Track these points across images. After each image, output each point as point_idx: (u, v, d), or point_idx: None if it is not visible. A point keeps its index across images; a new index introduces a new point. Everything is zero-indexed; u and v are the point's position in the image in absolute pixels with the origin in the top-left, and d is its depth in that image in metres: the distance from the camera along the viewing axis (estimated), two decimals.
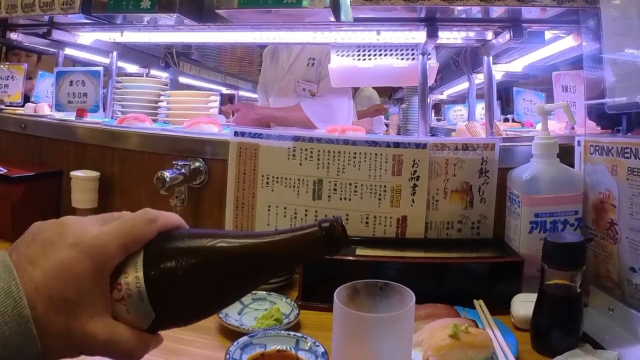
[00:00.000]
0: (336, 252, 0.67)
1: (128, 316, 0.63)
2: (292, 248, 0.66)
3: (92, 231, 0.63)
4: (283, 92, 3.04)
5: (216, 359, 1.02)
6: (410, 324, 0.78)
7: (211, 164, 1.64)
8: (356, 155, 1.50)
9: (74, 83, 2.23)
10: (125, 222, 0.64)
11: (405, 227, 1.50)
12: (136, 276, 0.63)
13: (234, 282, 0.66)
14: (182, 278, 0.63)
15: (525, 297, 1.21)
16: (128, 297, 0.62)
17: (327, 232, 0.66)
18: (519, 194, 1.35)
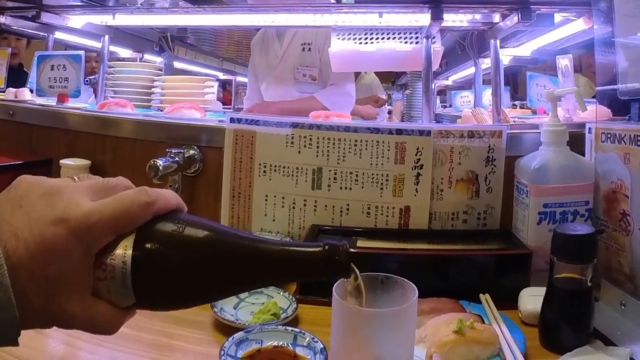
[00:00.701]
0: (335, 277, 0.68)
1: (108, 295, 0.62)
2: (290, 261, 0.66)
3: (83, 206, 0.61)
4: (279, 79, 3.05)
5: (210, 355, 1.01)
6: (412, 319, 0.77)
7: (206, 152, 1.64)
8: (357, 143, 1.50)
9: (55, 67, 2.22)
10: (120, 201, 0.62)
11: (408, 217, 1.49)
12: (123, 260, 0.62)
13: (223, 282, 0.66)
14: (171, 269, 0.63)
15: (534, 291, 1.20)
16: (112, 279, 0.62)
17: (329, 254, 0.66)
18: (527, 183, 1.34)
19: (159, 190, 0.65)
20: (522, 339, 1.05)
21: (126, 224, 0.62)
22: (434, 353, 0.97)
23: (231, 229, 0.68)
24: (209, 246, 0.64)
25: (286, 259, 0.66)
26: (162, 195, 0.65)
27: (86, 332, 0.61)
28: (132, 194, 0.63)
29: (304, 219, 1.53)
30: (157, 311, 0.68)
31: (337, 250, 0.67)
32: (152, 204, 0.64)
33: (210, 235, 0.65)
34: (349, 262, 0.67)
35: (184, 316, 1.15)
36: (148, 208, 0.63)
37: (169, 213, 0.66)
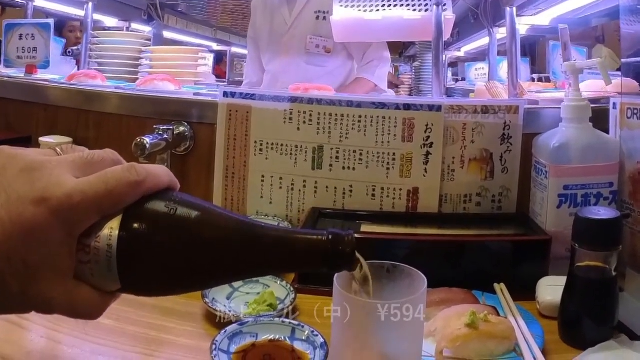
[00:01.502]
0: (338, 269, 0.68)
1: (91, 279, 0.62)
2: (291, 250, 0.66)
3: (66, 185, 0.60)
4: (287, 48, 3.03)
5: (201, 349, 1.00)
6: (421, 312, 0.76)
7: (197, 128, 1.63)
8: (361, 119, 1.49)
9: (23, 37, 2.22)
10: (105, 180, 0.61)
11: (416, 200, 1.49)
12: (109, 244, 0.61)
13: (215, 271, 0.66)
14: (160, 254, 0.62)
15: (553, 280, 1.19)
16: (95, 262, 0.62)
17: (333, 245, 0.65)
18: (546, 163, 1.33)
19: (149, 167, 0.64)
20: (540, 333, 1.04)
21: (112, 204, 0.61)
22: (445, 348, 0.96)
23: (226, 211, 0.67)
24: (202, 230, 0.63)
25: (286, 248, 0.66)
26: (152, 173, 0.64)
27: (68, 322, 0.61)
28: (119, 172, 0.62)
29: (303, 201, 1.53)
30: (143, 296, 0.69)
31: (341, 241, 0.66)
32: (141, 184, 0.63)
33: (204, 217, 0.64)
34: (354, 253, 0.67)
35: (173, 307, 1.15)
36: (136, 188, 0.62)
37: (160, 192, 0.65)
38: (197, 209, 0.64)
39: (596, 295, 1.06)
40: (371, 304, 0.74)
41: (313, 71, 2.98)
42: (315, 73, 2.97)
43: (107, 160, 0.65)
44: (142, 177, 0.63)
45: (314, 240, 0.66)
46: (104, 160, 0.65)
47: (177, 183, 0.68)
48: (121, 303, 1.13)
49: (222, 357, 0.94)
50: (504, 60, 3.16)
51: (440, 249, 1.30)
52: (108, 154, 0.66)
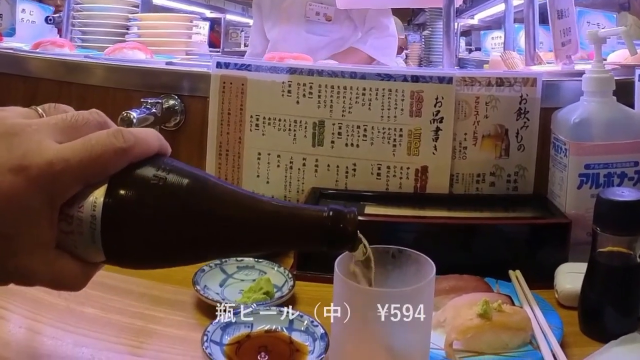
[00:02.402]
0: (338, 248, 0.68)
1: (74, 250, 0.63)
2: (288, 224, 0.66)
3: (47, 152, 0.60)
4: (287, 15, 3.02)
5: (192, 340, 1.00)
6: (429, 300, 0.76)
7: (189, 102, 1.62)
8: (365, 92, 1.48)
9: None
10: (89, 146, 0.61)
11: (425, 180, 1.48)
12: (92, 215, 0.61)
13: (207, 242, 0.66)
14: (148, 226, 0.63)
15: (573, 267, 1.19)
16: (78, 233, 0.62)
17: (333, 221, 0.66)
18: (565, 140, 1.33)
19: (138, 132, 0.64)
20: (558, 324, 1.04)
21: (96, 173, 0.61)
22: (455, 340, 0.96)
23: (220, 180, 0.68)
24: (193, 200, 0.63)
25: (283, 222, 0.66)
26: (140, 139, 0.64)
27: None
28: (104, 138, 0.62)
29: (302, 180, 1.52)
30: (127, 268, 0.69)
31: (343, 217, 0.66)
32: (128, 150, 0.62)
33: (196, 186, 0.64)
34: (356, 232, 0.67)
35: (162, 295, 1.15)
36: (123, 155, 0.62)
37: (150, 158, 0.65)
38: (189, 177, 0.64)
39: (619, 283, 1.05)
40: (375, 292, 0.74)
41: (314, 40, 2.97)
42: (317, 43, 2.96)
43: (92, 122, 0.65)
44: (129, 143, 0.62)
45: (314, 215, 0.66)
46: (88, 123, 0.65)
47: (167, 148, 0.68)
48: (106, 291, 1.14)
49: (214, 349, 0.94)
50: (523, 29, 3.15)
51: (450, 233, 1.30)
52: (93, 116, 0.66)
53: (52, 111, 0.68)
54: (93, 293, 1.11)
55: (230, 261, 1.24)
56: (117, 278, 1.17)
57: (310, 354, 0.96)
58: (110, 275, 1.17)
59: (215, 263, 1.22)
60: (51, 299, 1.08)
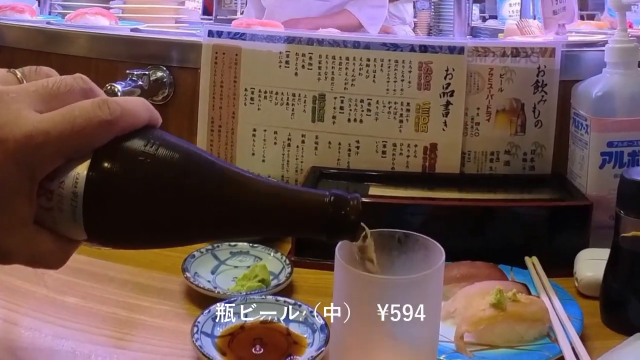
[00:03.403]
0: (337, 238, 0.68)
1: (53, 227, 0.63)
2: (284, 207, 0.66)
3: (26, 124, 0.59)
4: None
5: (181, 332, 1.00)
6: (438, 289, 0.76)
7: (178, 74, 1.62)
8: (370, 63, 1.47)
9: None
10: (72, 118, 0.60)
11: (434, 158, 1.48)
12: (74, 192, 0.61)
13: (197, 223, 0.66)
14: (134, 205, 0.63)
15: (594, 253, 1.19)
16: (59, 210, 0.62)
17: (334, 208, 0.65)
18: (587, 115, 1.32)
19: (125, 102, 0.64)
20: (578, 315, 1.04)
21: (79, 147, 0.61)
22: (466, 332, 0.96)
23: (213, 156, 0.67)
24: (184, 177, 0.63)
25: (280, 205, 0.66)
26: (127, 110, 0.63)
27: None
28: (88, 109, 0.61)
29: (301, 159, 1.52)
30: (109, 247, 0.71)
31: (345, 204, 0.65)
32: (114, 123, 0.62)
33: (187, 162, 0.64)
34: (359, 221, 0.66)
35: (148, 282, 1.15)
36: (108, 128, 0.62)
37: (137, 131, 0.64)
38: (181, 152, 0.64)
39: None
40: (379, 280, 0.74)
41: (314, 5, 2.96)
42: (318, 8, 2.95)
43: (76, 90, 0.64)
44: (115, 114, 0.62)
45: (314, 200, 0.66)
46: (72, 90, 0.64)
47: (158, 119, 0.68)
48: (87, 278, 1.14)
49: (204, 342, 0.94)
50: None
51: (461, 216, 1.31)
52: (78, 82, 0.65)
53: (32, 75, 0.67)
54: (74, 281, 1.12)
55: (223, 246, 1.24)
56: (100, 264, 1.17)
57: (309, 347, 0.96)
58: (92, 261, 1.17)
59: (206, 248, 1.22)
60: (29, 288, 1.08)
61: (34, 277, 1.10)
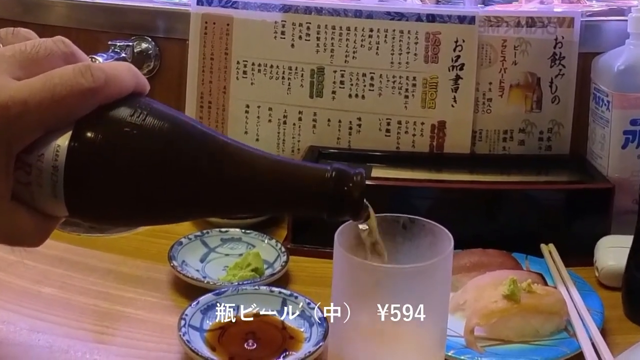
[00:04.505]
0: (339, 216, 0.67)
1: (32, 202, 0.63)
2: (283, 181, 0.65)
3: (1, 91, 0.58)
4: None
5: (167, 325, 1.00)
6: (446, 279, 0.76)
7: (165, 45, 1.61)
8: (373, 33, 1.47)
9: None
10: (52, 87, 0.59)
11: (443, 137, 1.48)
12: (54, 166, 0.60)
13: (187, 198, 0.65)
14: (119, 180, 0.62)
15: (616, 241, 1.19)
16: (37, 185, 0.61)
17: (336, 184, 0.64)
18: (608, 91, 1.32)
19: (109, 68, 0.62)
20: (599, 307, 1.04)
21: (60, 117, 0.60)
22: (476, 326, 0.96)
23: (206, 127, 0.66)
24: (174, 148, 0.63)
25: (278, 179, 0.65)
26: (112, 77, 0.62)
27: None
28: (69, 76, 0.60)
29: (298, 138, 1.52)
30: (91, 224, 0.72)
31: (348, 180, 0.65)
32: (98, 91, 0.60)
33: (178, 132, 0.63)
34: (363, 198, 0.66)
35: (132, 271, 1.15)
36: (91, 96, 0.60)
37: (124, 99, 0.63)
38: (171, 121, 0.63)
39: None
40: (382, 268, 0.73)
41: None
42: None
43: (56, 54, 0.63)
44: (99, 82, 0.60)
45: (314, 175, 0.65)
46: (52, 54, 0.63)
47: (145, 85, 0.66)
48: (66, 267, 1.14)
49: (193, 336, 0.94)
50: None
51: (472, 200, 1.31)
52: (58, 46, 0.64)
53: (9, 38, 0.66)
54: (51, 270, 1.11)
55: (213, 233, 1.24)
56: (80, 252, 1.17)
57: (306, 342, 0.96)
58: (71, 249, 1.17)
59: (195, 235, 1.22)
60: (3, 278, 1.08)
61: (8, 267, 1.09)
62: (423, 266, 0.73)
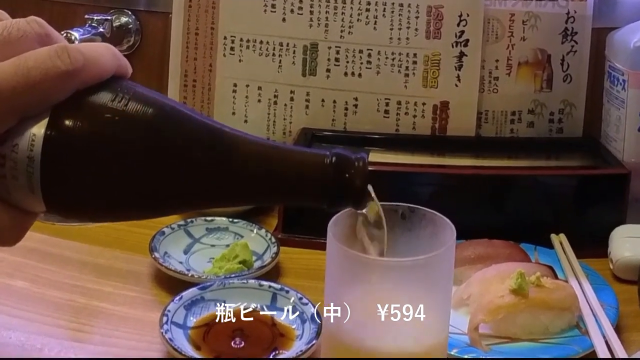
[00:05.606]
0: (340, 206, 0.67)
1: (7, 197, 0.62)
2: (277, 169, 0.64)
3: None
4: None
5: (148, 321, 1.01)
6: (448, 272, 0.75)
7: (146, 19, 1.60)
8: (370, 6, 1.46)
9: None
10: (26, 70, 0.58)
11: (446, 119, 1.48)
12: (29, 156, 0.59)
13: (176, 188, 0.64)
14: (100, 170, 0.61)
15: (632, 230, 1.19)
16: (12, 178, 0.60)
17: (336, 171, 0.63)
18: (624, 69, 1.32)
19: (88, 50, 0.61)
20: (613, 302, 1.04)
21: (35, 103, 0.59)
22: (482, 322, 0.96)
23: (194, 111, 0.66)
24: (160, 135, 0.62)
25: (273, 168, 0.64)
26: (91, 59, 0.61)
27: None
28: (44, 58, 0.59)
29: (290, 119, 1.52)
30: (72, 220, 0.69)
31: (349, 166, 0.64)
32: (75, 74, 0.59)
33: (165, 116, 0.62)
34: (366, 186, 0.65)
35: (110, 264, 1.15)
36: (68, 80, 0.59)
37: (104, 82, 0.62)
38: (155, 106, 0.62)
39: None
40: (379, 262, 0.72)
41: None
42: None
43: (30, 35, 0.62)
44: (77, 64, 0.59)
45: (312, 161, 0.64)
46: (25, 35, 0.61)
47: (127, 67, 0.65)
48: (39, 259, 1.14)
49: (176, 334, 0.94)
50: None
51: (477, 186, 1.31)
52: (32, 27, 0.62)
53: None
54: (23, 262, 1.11)
55: (198, 222, 1.24)
56: (54, 243, 1.17)
57: (297, 339, 0.96)
58: (45, 239, 1.17)
59: (178, 224, 1.22)
60: None
61: None
62: (423, 259, 0.72)
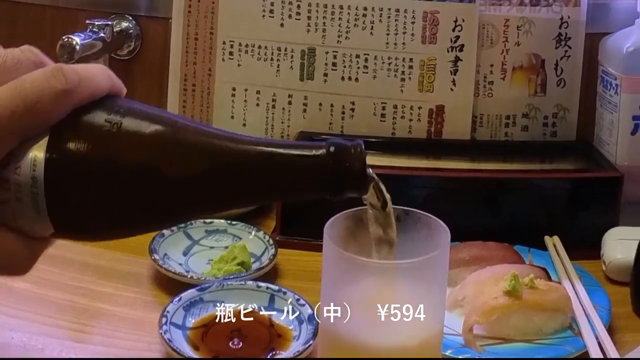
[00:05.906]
0: (342, 193, 0.66)
1: (13, 223, 0.61)
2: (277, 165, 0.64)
3: None
4: None
5: (148, 322, 1.01)
6: (443, 274, 0.75)
7: (146, 24, 1.60)
8: (367, 12, 1.46)
9: None
10: (23, 93, 0.58)
11: (441, 122, 1.48)
12: (33, 177, 0.59)
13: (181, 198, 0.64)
14: (103, 185, 0.61)
15: (624, 232, 1.19)
16: (17, 200, 0.60)
17: (335, 159, 0.64)
18: (617, 74, 1.32)
19: (82, 69, 0.61)
20: (606, 303, 1.04)
21: (34, 124, 0.59)
22: (476, 323, 0.96)
23: (189, 120, 0.66)
24: (158, 149, 0.62)
25: (272, 164, 0.64)
26: (86, 78, 0.61)
27: None
28: (40, 80, 0.59)
29: (288, 123, 1.51)
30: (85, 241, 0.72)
31: (346, 153, 0.64)
32: (71, 93, 0.59)
33: (161, 130, 0.62)
34: (365, 169, 0.65)
35: (111, 266, 1.15)
36: (65, 99, 0.59)
37: (99, 101, 0.63)
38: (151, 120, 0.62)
39: None
40: (374, 264, 0.72)
41: None
42: None
43: (24, 62, 0.62)
44: (72, 83, 0.59)
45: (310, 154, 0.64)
46: (19, 63, 0.62)
47: (121, 87, 0.66)
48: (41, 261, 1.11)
49: (175, 334, 0.94)
50: None
51: (472, 189, 1.31)
52: (26, 55, 0.63)
53: None
54: None
55: (197, 224, 1.24)
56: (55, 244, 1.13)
57: (294, 340, 0.96)
58: None
59: (178, 226, 1.21)
60: None
61: None
62: (418, 261, 0.72)
